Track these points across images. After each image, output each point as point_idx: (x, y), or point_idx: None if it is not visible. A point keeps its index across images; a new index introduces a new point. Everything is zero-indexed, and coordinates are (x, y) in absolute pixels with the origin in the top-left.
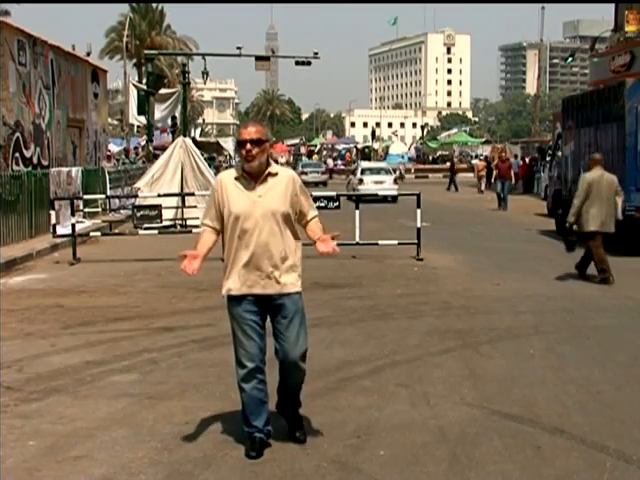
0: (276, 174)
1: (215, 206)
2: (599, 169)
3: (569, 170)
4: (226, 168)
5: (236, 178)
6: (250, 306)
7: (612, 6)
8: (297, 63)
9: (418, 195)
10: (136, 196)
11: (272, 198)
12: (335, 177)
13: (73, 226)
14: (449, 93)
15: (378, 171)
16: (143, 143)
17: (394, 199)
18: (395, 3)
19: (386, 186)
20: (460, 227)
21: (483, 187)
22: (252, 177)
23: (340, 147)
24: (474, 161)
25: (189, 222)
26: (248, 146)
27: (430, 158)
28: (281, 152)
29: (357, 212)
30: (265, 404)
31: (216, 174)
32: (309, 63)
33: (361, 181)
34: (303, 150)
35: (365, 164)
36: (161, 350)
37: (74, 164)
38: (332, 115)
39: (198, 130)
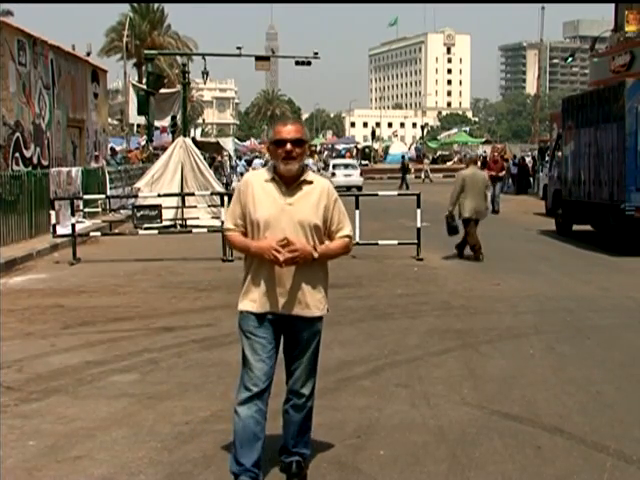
0: (311, 182)
1: (241, 207)
2: (473, 167)
3: (569, 170)
4: (224, 168)
5: (266, 181)
6: (266, 324)
7: (612, 6)
8: (297, 63)
9: (418, 195)
10: (136, 196)
11: (303, 207)
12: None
13: (73, 226)
14: (449, 93)
15: (346, 166)
16: (143, 143)
17: (359, 189)
18: (395, 3)
19: (353, 178)
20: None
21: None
22: (284, 182)
23: (340, 147)
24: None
25: (189, 222)
26: (289, 146)
27: (430, 158)
28: None
29: (357, 212)
30: (259, 441)
31: (215, 174)
32: (309, 63)
33: (334, 174)
34: None
35: (335, 161)
36: (161, 350)
37: (74, 164)
38: (332, 115)
39: (198, 130)
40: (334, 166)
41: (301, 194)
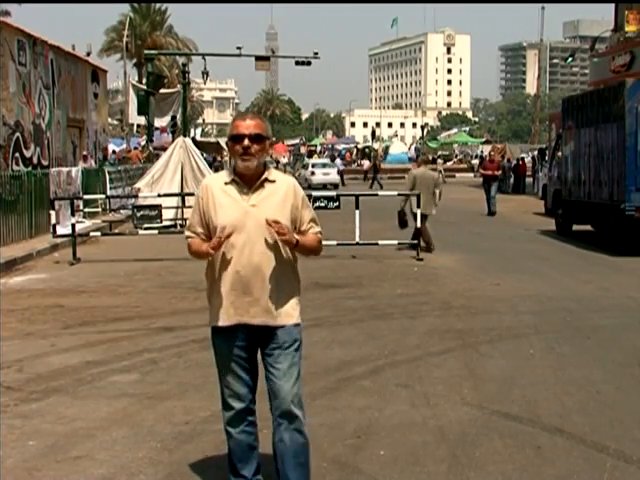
0: (274, 181)
1: (200, 216)
2: (423, 167)
3: (569, 170)
4: (224, 168)
5: (226, 183)
6: (237, 339)
7: (612, 6)
8: (297, 63)
9: (418, 195)
10: (136, 196)
11: (268, 208)
12: None
13: (73, 226)
14: (449, 93)
15: (324, 165)
16: (143, 143)
17: (336, 186)
18: (395, 3)
19: (331, 176)
20: (460, 227)
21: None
22: (246, 182)
23: (340, 147)
24: (474, 161)
25: None
26: (246, 142)
27: (430, 158)
28: (283, 152)
29: (357, 212)
30: (255, 450)
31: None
32: (309, 63)
33: (313, 173)
34: (303, 150)
35: (314, 161)
36: (161, 350)
37: (74, 164)
38: (332, 115)
39: (199, 130)
40: (313, 165)
41: (265, 194)
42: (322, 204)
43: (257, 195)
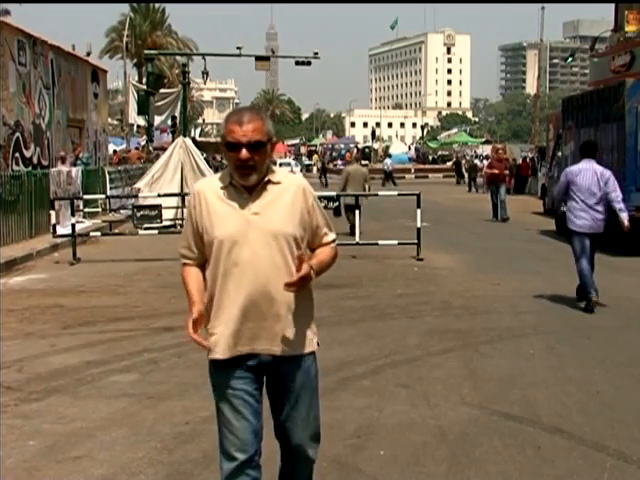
0: (279, 182)
1: (193, 229)
2: (356, 164)
3: None
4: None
5: (222, 188)
6: (242, 371)
7: (612, 6)
8: (297, 63)
9: (418, 195)
10: (136, 196)
11: (274, 215)
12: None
13: (73, 226)
14: (449, 93)
15: (288, 164)
16: (143, 143)
17: None
18: (395, 3)
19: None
20: (460, 227)
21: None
22: (245, 186)
23: (340, 147)
24: (476, 161)
25: None
26: (244, 153)
27: (430, 158)
28: (283, 152)
29: (357, 212)
30: None
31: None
32: (309, 63)
33: None
34: (303, 150)
35: (280, 160)
36: (161, 350)
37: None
38: (332, 115)
39: (198, 130)
40: (280, 165)
41: (269, 198)
42: (322, 204)
43: (260, 200)
